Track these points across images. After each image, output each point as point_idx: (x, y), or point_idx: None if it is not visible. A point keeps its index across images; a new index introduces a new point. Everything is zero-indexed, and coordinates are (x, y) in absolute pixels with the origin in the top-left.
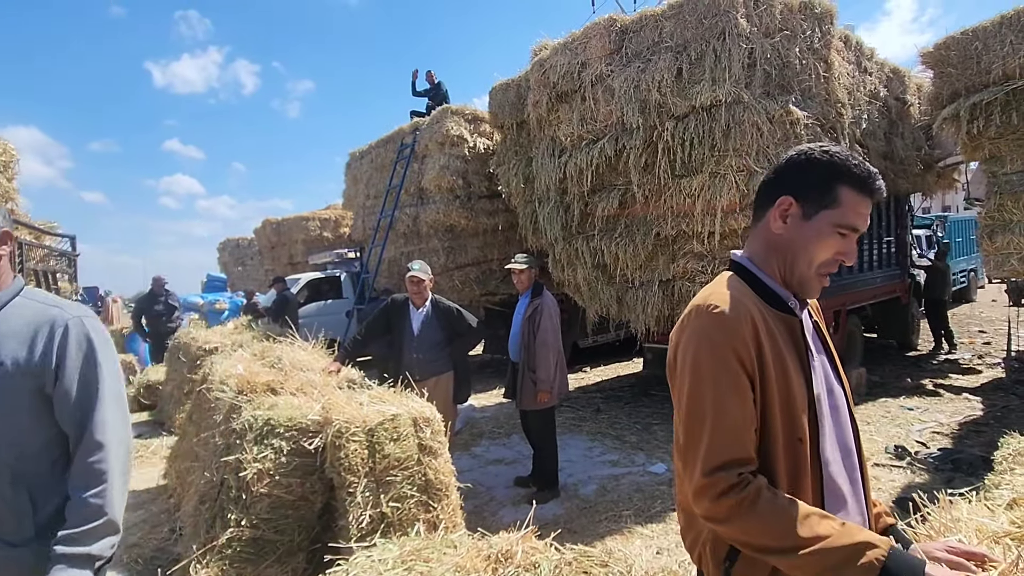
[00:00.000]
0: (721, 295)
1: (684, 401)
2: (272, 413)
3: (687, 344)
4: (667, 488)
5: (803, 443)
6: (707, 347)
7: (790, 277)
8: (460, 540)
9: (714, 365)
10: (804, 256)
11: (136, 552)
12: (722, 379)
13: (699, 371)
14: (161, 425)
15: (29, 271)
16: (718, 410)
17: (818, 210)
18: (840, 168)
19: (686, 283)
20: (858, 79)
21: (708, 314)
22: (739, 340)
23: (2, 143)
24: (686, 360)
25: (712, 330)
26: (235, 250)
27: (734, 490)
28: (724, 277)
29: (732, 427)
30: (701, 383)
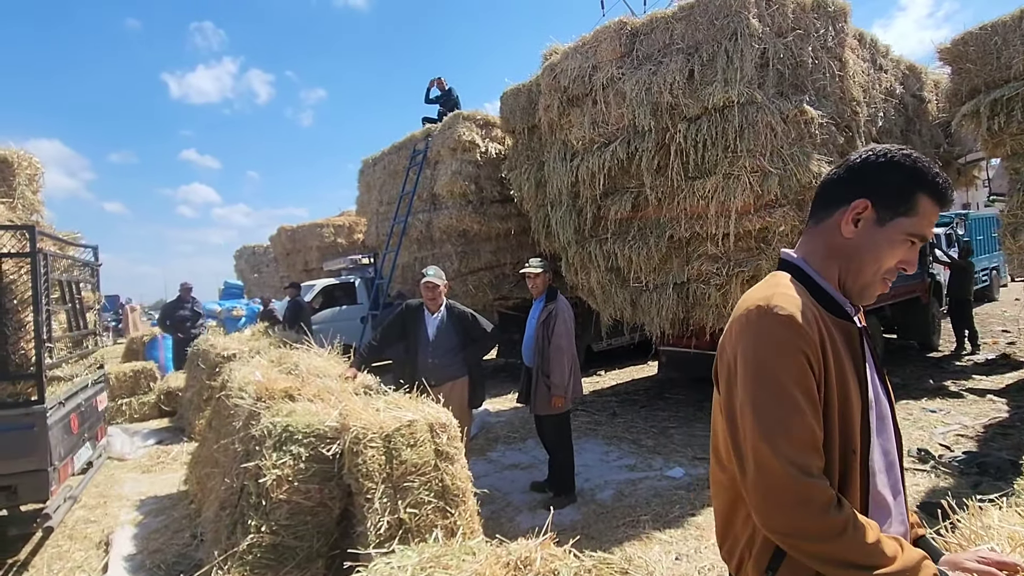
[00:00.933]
0: (786, 297)
1: (751, 406)
2: (290, 420)
3: (752, 345)
4: (685, 493)
5: (856, 454)
6: (776, 350)
7: (852, 283)
8: (479, 547)
9: (787, 369)
10: (872, 263)
11: (158, 558)
12: (795, 384)
13: (769, 374)
14: (181, 431)
15: (54, 281)
16: (794, 415)
17: (894, 216)
18: (922, 175)
19: (700, 285)
20: (873, 77)
21: (776, 316)
22: (810, 345)
23: (28, 157)
24: (751, 363)
25: (782, 332)
26: (251, 257)
27: (834, 507)
28: (780, 278)
29: (810, 435)
30: (772, 387)
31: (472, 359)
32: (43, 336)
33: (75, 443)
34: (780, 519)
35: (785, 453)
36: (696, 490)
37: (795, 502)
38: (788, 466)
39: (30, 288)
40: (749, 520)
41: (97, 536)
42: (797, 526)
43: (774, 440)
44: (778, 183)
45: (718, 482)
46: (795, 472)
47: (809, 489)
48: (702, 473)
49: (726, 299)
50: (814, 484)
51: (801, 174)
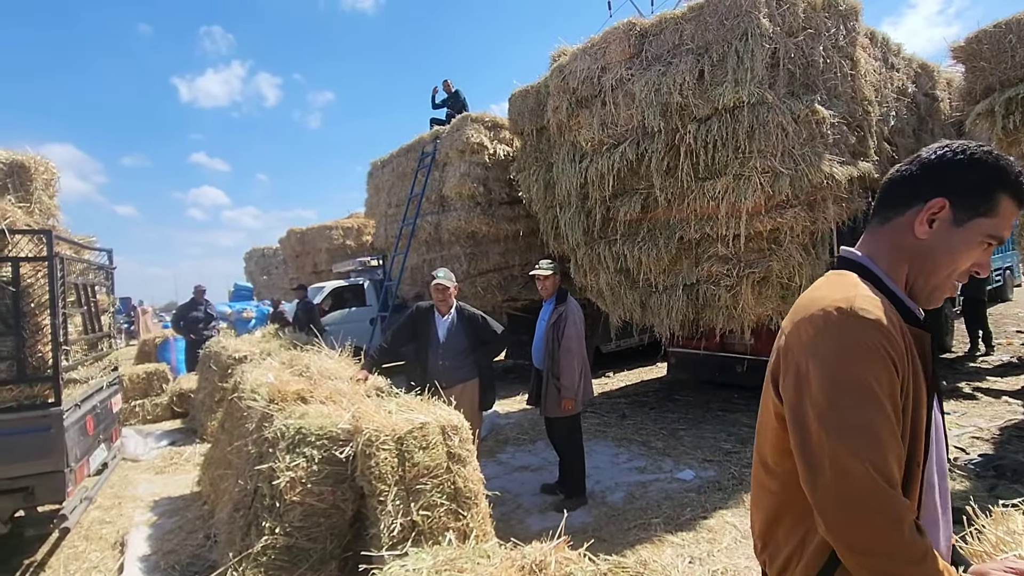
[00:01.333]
0: (869, 299)
1: (835, 411)
2: (303, 422)
3: (836, 349)
4: (696, 495)
5: (919, 468)
6: (864, 354)
7: (923, 285)
8: (493, 550)
9: (874, 374)
10: (947, 265)
11: (173, 558)
12: (883, 391)
13: (857, 380)
14: (193, 432)
15: (70, 284)
16: (884, 424)
17: (972, 217)
18: (1006, 173)
19: (711, 287)
20: (885, 76)
21: (862, 319)
22: (896, 351)
23: (45, 162)
24: (834, 366)
25: (870, 336)
26: (261, 260)
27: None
28: (852, 277)
29: (896, 446)
30: (861, 392)
31: (483, 361)
32: (60, 339)
33: (91, 445)
34: (861, 533)
35: (872, 462)
36: (707, 492)
37: (883, 517)
38: (876, 477)
39: (47, 291)
40: (797, 527)
41: (112, 537)
42: (880, 543)
43: (861, 448)
44: (789, 183)
45: (763, 486)
46: (883, 483)
47: (897, 505)
48: (712, 476)
49: (736, 300)
50: (901, 500)
51: (812, 174)
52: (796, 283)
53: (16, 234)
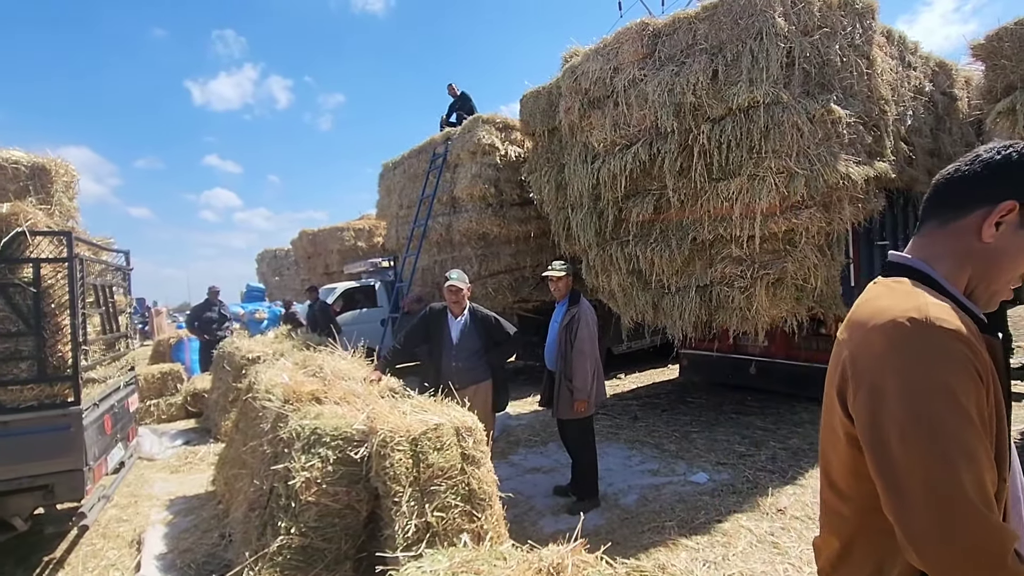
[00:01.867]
0: (942, 308)
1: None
2: (318, 422)
3: (916, 362)
4: (710, 499)
5: (1006, 483)
6: (949, 367)
7: (984, 290)
8: (509, 552)
9: (961, 388)
10: (1011, 269)
11: (188, 557)
12: (972, 405)
13: (944, 394)
14: (207, 432)
15: (89, 285)
16: (978, 442)
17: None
18: None
19: (724, 288)
20: (902, 74)
21: (941, 329)
22: (980, 360)
23: (65, 165)
24: (915, 381)
25: (952, 347)
26: (272, 261)
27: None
28: (913, 284)
29: (989, 464)
30: (951, 408)
31: (496, 362)
32: (79, 339)
33: (108, 444)
34: (964, 564)
35: (970, 483)
36: (721, 496)
37: (988, 548)
38: (975, 499)
39: (67, 292)
40: (872, 554)
41: (129, 535)
42: (976, 566)
43: (957, 468)
44: (804, 184)
45: (834, 511)
46: (984, 508)
47: (1002, 533)
48: (726, 479)
49: (750, 302)
50: (1004, 526)
51: (828, 174)
52: (811, 285)
53: (37, 235)
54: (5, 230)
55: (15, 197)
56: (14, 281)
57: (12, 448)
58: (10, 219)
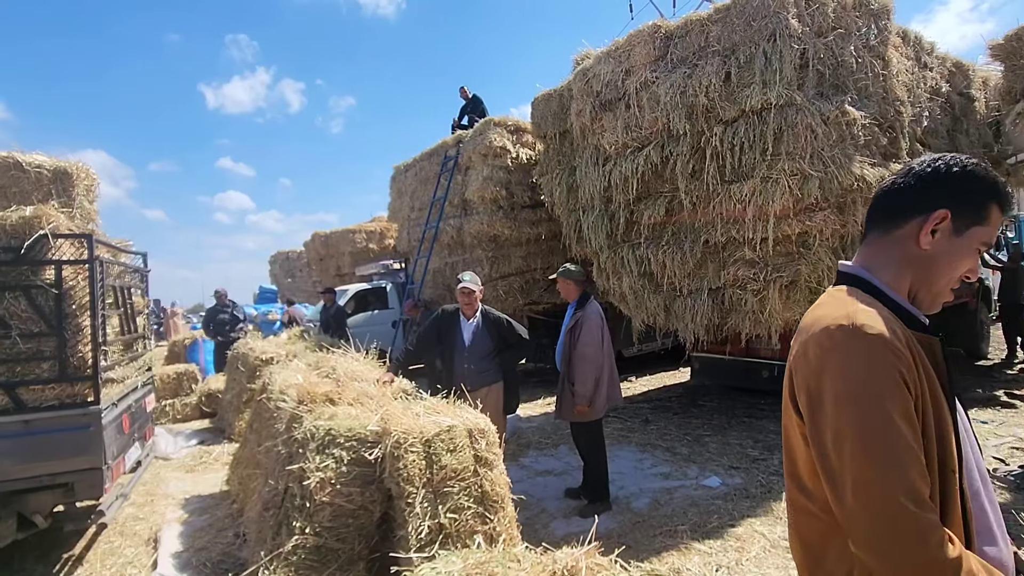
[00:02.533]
0: (870, 314)
1: (851, 433)
2: (332, 423)
3: (842, 369)
4: (722, 503)
5: (955, 474)
6: (872, 371)
7: (926, 293)
8: (523, 555)
9: (885, 392)
10: (948, 272)
11: (204, 555)
12: (896, 407)
13: (868, 399)
14: (221, 432)
15: (108, 287)
16: (900, 441)
17: (970, 226)
18: (996, 185)
19: (737, 291)
20: (918, 75)
21: (863, 335)
22: (904, 364)
23: (85, 169)
24: (843, 387)
25: (874, 352)
26: (285, 263)
27: (948, 544)
28: (850, 292)
29: (917, 461)
30: (874, 412)
31: (507, 364)
32: (99, 339)
33: (126, 443)
34: (889, 552)
35: (896, 483)
36: (734, 500)
37: (912, 538)
38: (901, 498)
39: (87, 293)
40: (847, 553)
41: (146, 533)
42: (907, 560)
43: (881, 469)
44: (818, 186)
45: (802, 510)
46: (908, 504)
47: (922, 522)
48: (738, 483)
49: (763, 305)
50: (928, 518)
51: (843, 176)
52: (825, 287)
53: (59, 238)
54: (29, 233)
55: (38, 200)
56: (37, 282)
57: (34, 447)
58: (33, 222)
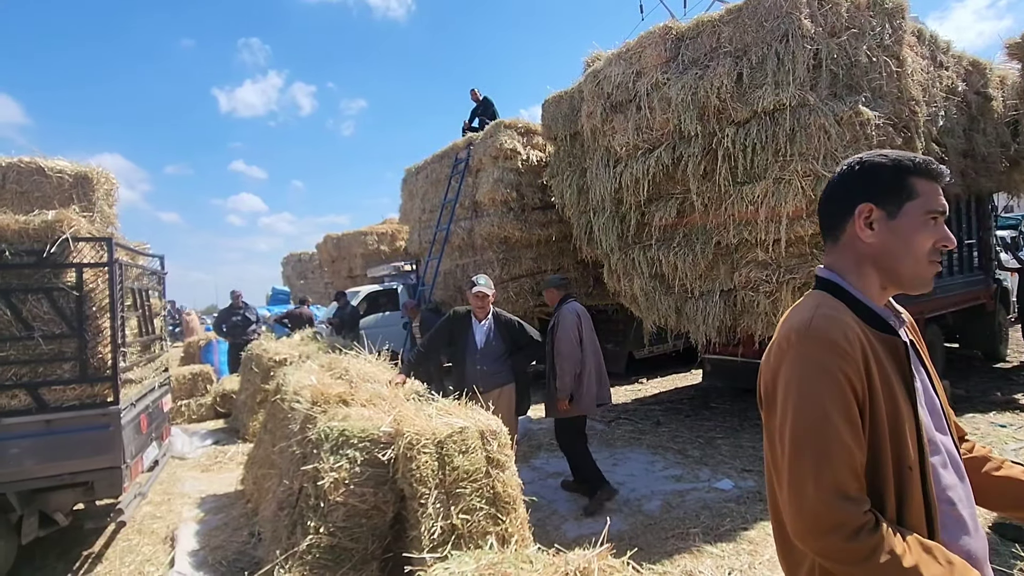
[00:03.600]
0: (826, 318)
1: (789, 429)
2: (346, 424)
3: (791, 369)
4: (735, 506)
5: (912, 471)
6: (816, 373)
7: (898, 278)
8: (536, 556)
9: (825, 392)
10: (908, 252)
11: (220, 554)
12: (835, 407)
13: (808, 398)
14: (236, 432)
15: (127, 289)
16: (832, 439)
17: (901, 205)
18: (904, 163)
19: (749, 293)
20: (933, 74)
21: (813, 338)
22: (851, 366)
23: (105, 174)
24: (790, 387)
25: (821, 355)
26: (297, 264)
27: (865, 532)
28: (816, 297)
29: (848, 458)
30: (811, 411)
31: (519, 366)
32: (118, 341)
33: (144, 442)
34: (812, 542)
35: (820, 477)
36: (747, 503)
37: (827, 527)
38: (822, 490)
39: (107, 296)
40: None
41: (163, 531)
42: (828, 550)
43: (810, 464)
44: None
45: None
46: (828, 496)
47: (840, 514)
48: (751, 486)
49: (776, 306)
50: (845, 508)
51: None
52: None
53: (80, 242)
54: (51, 236)
55: (60, 204)
56: (58, 285)
57: (55, 446)
58: (55, 226)
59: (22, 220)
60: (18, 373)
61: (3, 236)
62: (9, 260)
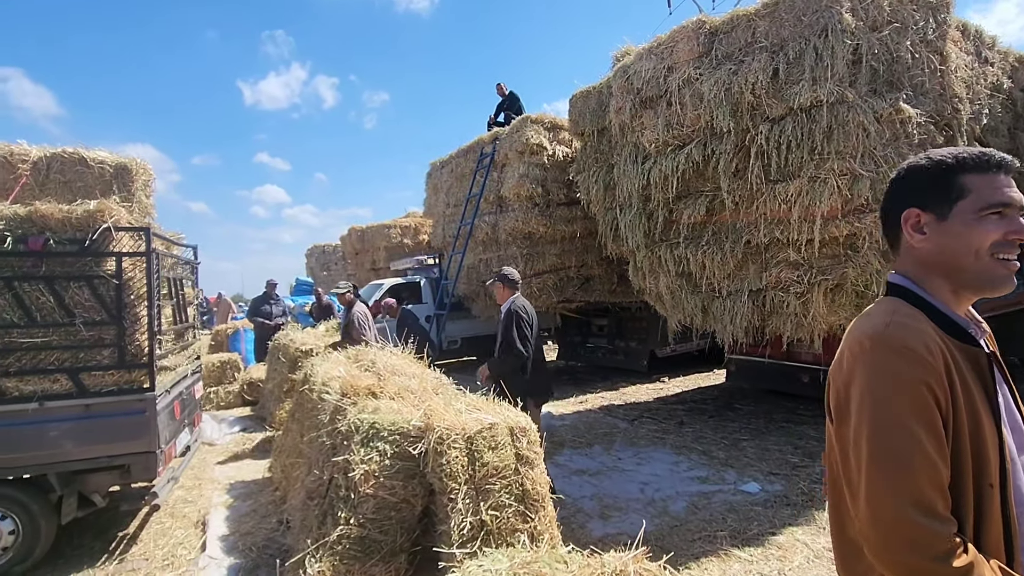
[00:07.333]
0: (904, 325)
1: (866, 440)
2: (376, 417)
3: (867, 378)
4: (762, 509)
5: (993, 488)
6: (896, 383)
7: (965, 283)
8: (571, 557)
9: (906, 403)
10: (964, 253)
11: (249, 540)
12: (917, 418)
13: (886, 409)
14: (262, 420)
15: (163, 278)
16: (915, 451)
17: (951, 206)
18: (947, 162)
19: (779, 293)
20: (977, 71)
21: (890, 346)
22: (934, 376)
23: (143, 164)
24: (866, 396)
25: (899, 363)
26: (321, 256)
27: (953, 555)
28: (890, 303)
29: (933, 473)
30: (890, 421)
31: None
32: (155, 328)
33: (177, 428)
34: (890, 560)
35: (904, 492)
36: (774, 507)
37: (908, 545)
38: (906, 506)
39: (145, 284)
40: None
41: (194, 515)
42: (909, 569)
43: (892, 478)
44: (869, 187)
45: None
46: (913, 513)
47: (922, 531)
48: (779, 490)
49: (807, 308)
50: (930, 527)
51: None
52: (873, 291)
53: (120, 231)
54: (92, 226)
55: (100, 194)
56: (99, 273)
57: (94, 430)
58: (96, 215)
59: (65, 209)
60: (60, 358)
61: (47, 224)
62: (53, 248)
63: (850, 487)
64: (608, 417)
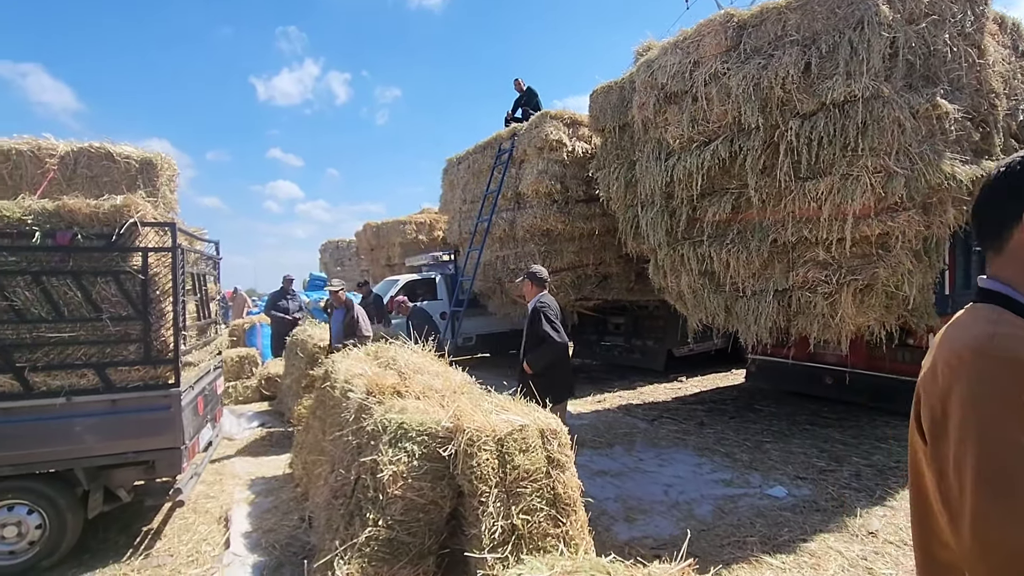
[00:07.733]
0: (1010, 337)
1: (973, 461)
2: (404, 417)
3: (970, 393)
4: (791, 515)
5: None
6: (1002, 399)
7: None
8: (614, 567)
9: (1014, 418)
10: None
11: (272, 537)
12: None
13: (1000, 429)
14: (280, 415)
15: (187, 273)
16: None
17: None
18: None
19: (806, 293)
20: (1015, 65)
21: (998, 358)
22: None
23: (168, 160)
24: (970, 412)
25: (1008, 378)
26: (335, 251)
27: None
28: (989, 311)
29: None
30: (997, 442)
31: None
32: (179, 324)
33: (200, 424)
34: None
35: (1018, 518)
36: (803, 513)
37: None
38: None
39: (170, 280)
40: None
41: (216, 511)
42: None
43: (1002, 502)
44: (904, 184)
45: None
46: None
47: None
48: (806, 495)
49: (834, 309)
50: None
51: (931, 175)
52: (903, 292)
53: (146, 226)
54: (119, 221)
55: (126, 189)
56: (125, 268)
57: (120, 425)
58: (123, 210)
59: (93, 204)
60: (87, 353)
61: (75, 219)
62: (81, 243)
63: (948, 509)
64: (627, 417)
